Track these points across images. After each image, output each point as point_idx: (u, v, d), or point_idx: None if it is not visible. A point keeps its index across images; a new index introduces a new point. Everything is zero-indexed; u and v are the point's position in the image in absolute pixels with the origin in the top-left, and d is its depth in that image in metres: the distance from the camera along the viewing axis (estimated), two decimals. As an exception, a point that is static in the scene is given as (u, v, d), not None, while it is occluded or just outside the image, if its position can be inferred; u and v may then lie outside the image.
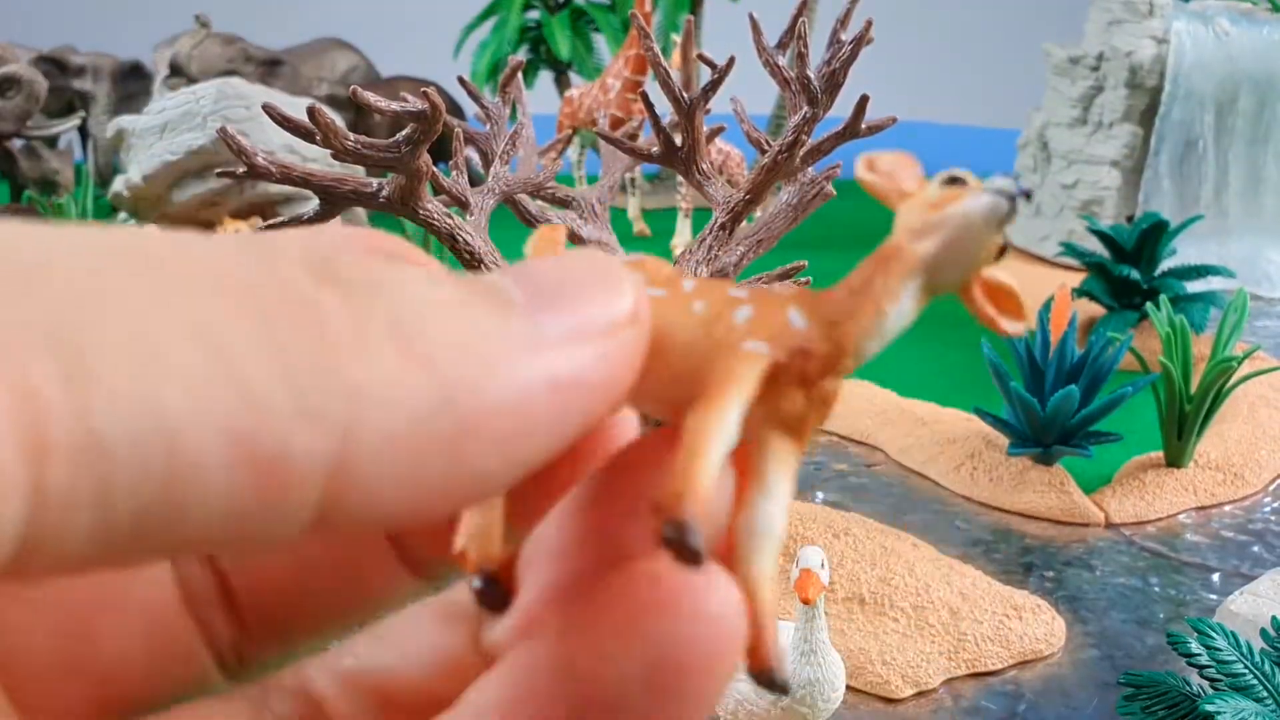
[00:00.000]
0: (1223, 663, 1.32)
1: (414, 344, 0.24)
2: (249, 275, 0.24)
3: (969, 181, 0.29)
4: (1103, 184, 3.53)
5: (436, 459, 0.24)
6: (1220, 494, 2.18)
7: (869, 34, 1.44)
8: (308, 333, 0.23)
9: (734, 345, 0.30)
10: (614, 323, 0.28)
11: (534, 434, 0.27)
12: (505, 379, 0.26)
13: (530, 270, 0.28)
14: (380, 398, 0.23)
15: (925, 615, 1.70)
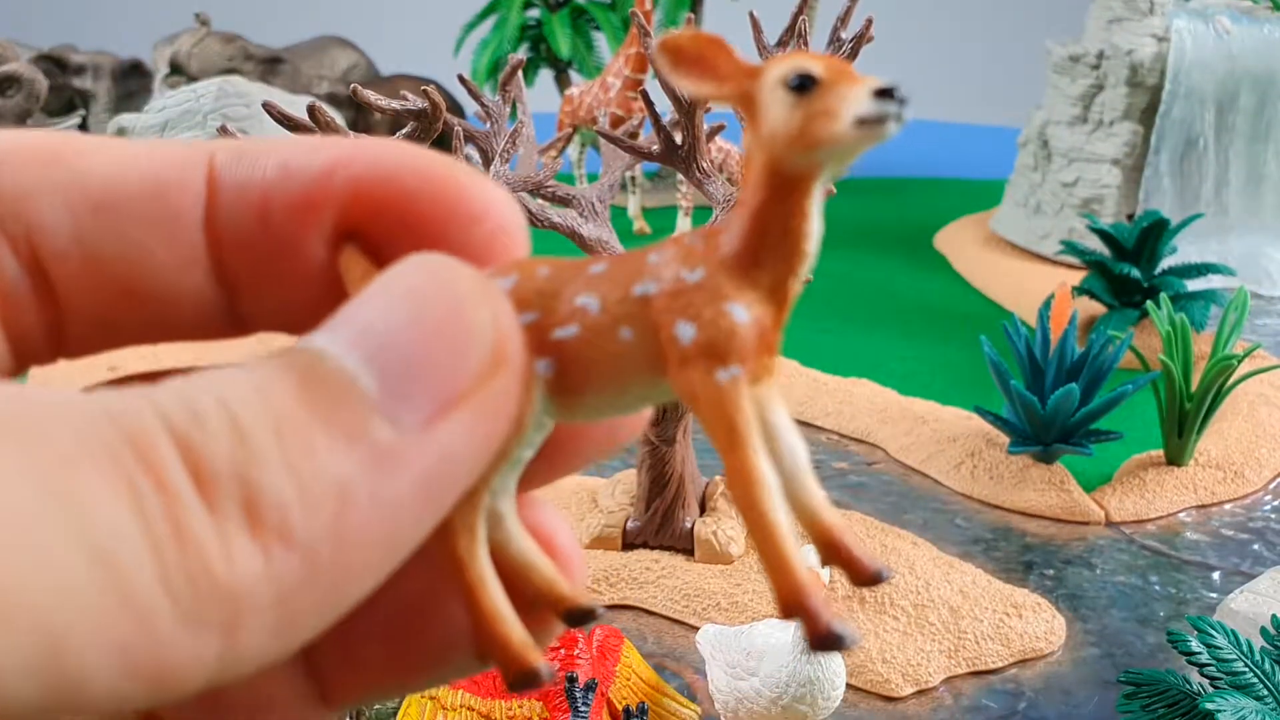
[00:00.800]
0: (1223, 661, 1.32)
1: (269, 521, 0.24)
2: (109, 446, 0.23)
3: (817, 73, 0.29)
4: (1103, 182, 3.53)
5: (310, 615, 0.25)
6: (1221, 492, 2.18)
7: (869, 32, 1.44)
8: (173, 524, 0.23)
9: (708, 380, 0.31)
10: (475, 382, 0.28)
11: (410, 537, 0.27)
12: (365, 524, 0.26)
13: (375, 338, 0.27)
14: (251, 590, 0.23)
15: (925, 613, 1.70)
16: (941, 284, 3.52)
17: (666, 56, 0.31)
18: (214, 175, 0.32)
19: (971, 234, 3.94)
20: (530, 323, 0.32)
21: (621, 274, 0.32)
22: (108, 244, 0.31)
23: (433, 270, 0.29)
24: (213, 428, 0.24)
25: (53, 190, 0.30)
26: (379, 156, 0.32)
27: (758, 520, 0.29)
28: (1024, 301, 3.14)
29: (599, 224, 1.46)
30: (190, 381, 0.25)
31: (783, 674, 1.35)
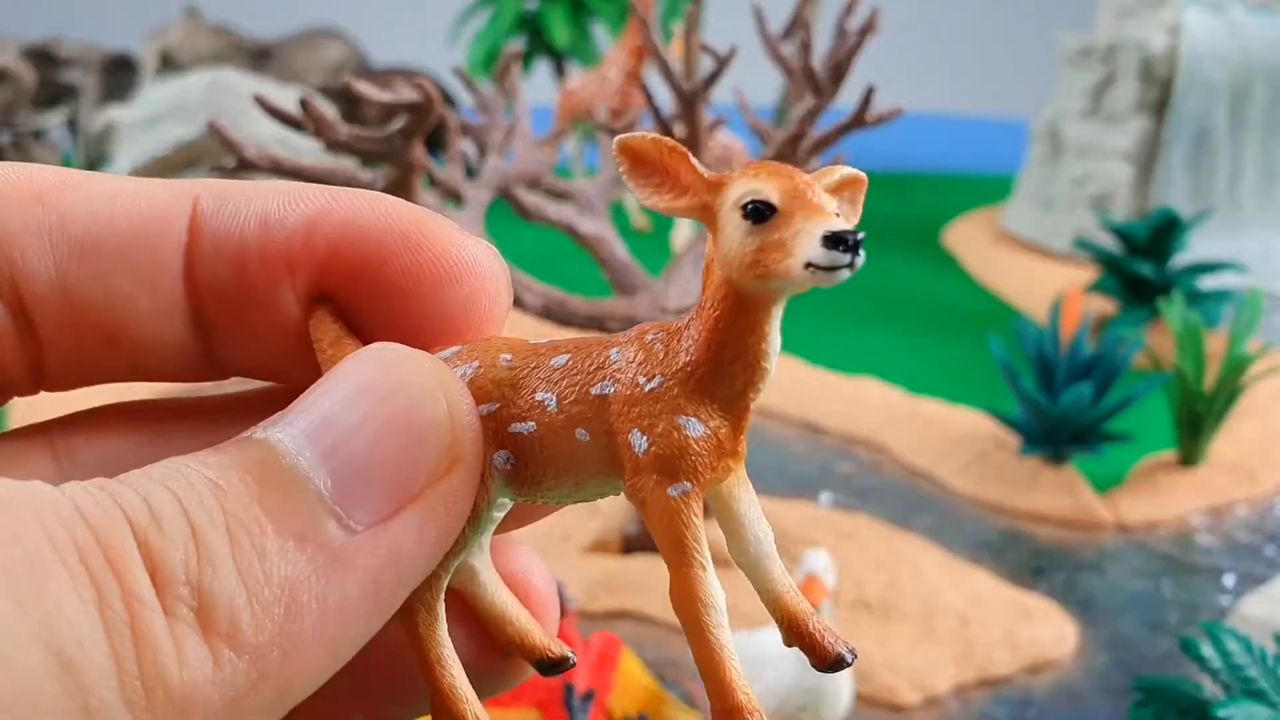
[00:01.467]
0: (1235, 667, 1.30)
1: (219, 626, 0.24)
2: (81, 547, 0.23)
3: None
4: (1114, 177, 3.49)
5: (258, 717, 0.25)
6: (1233, 494, 2.15)
7: (875, 24, 1.40)
8: (134, 630, 0.23)
9: (658, 494, 0.30)
10: (428, 481, 0.27)
11: (357, 637, 0.27)
12: (313, 627, 0.25)
13: (329, 435, 0.27)
14: (203, 696, 0.23)
15: (933, 620, 1.67)
16: (950, 281, 3.49)
17: (625, 160, 0.30)
18: (196, 223, 0.32)
19: (980, 230, 3.91)
20: (489, 413, 0.32)
21: (581, 370, 0.32)
22: (90, 291, 0.31)
23: (389, 364, 0.29)
24: (169, 529, 0.24)
25: (38, 234, 0.31)
26: (355, 215, 0.32)
27: (700, 640, 0.29)
28: (1034, 299, 3.11)
29: (597, 220, 1.43)
30: (150, 475, 0.25)
31: (786, 683, 1.32)
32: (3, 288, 0.31)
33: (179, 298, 0.32)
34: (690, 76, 1.37)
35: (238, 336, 0.33)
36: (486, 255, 0.33)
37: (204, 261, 0.32)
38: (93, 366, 0.33)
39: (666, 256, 2.72)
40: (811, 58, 1.35)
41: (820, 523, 1.90)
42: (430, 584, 0.32)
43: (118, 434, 0.34)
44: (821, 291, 0.31)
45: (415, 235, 0.32)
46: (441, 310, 0.33)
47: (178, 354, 0.33)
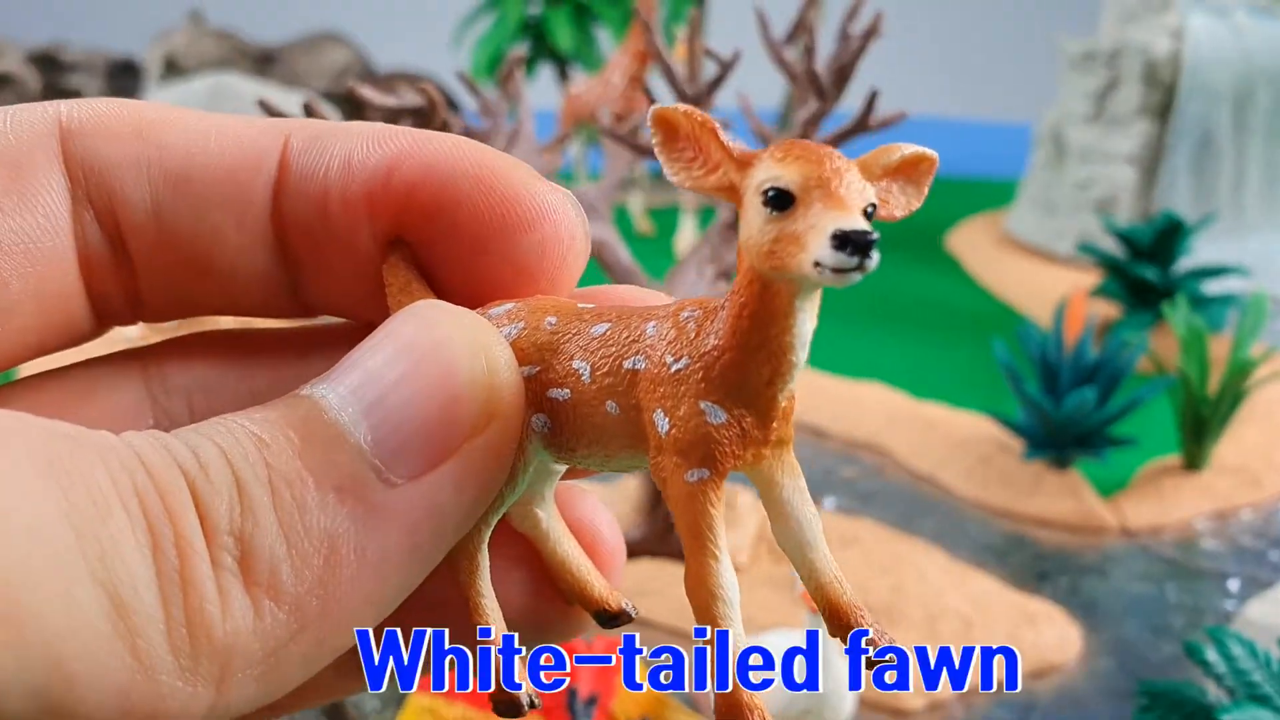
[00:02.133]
0: (1239, 672, 1.30)
1: (260, 576, 0.24)
2: (143, 492, 0.24)
3: None
4: (1118, 181, 3.49)
5: (297, 667, 0.25)
6: (1238, 498, 2.14)
7: (878, 27, 1.40)
8: (183, 576, 0.23)
9: (676, 477, 0.30)
10: (466, 437, 0.28)
11: (397, 590, 0.27)
12: (352, 579, 0.26)
13: (372, 391, 0.27)
14: (244, 645, 0.24)
15: (937, 624, 1.66)
16: (953, 285, 3.48)
17: (659, 131, 0.29)
18: (285, 160, 0.33)
19: (984, 234, 3.91)
20: (530, 375, 0.32)
21: (617, 341, 0.31)
22: (183, 222, 0.32)
23: (431, 322, 0.29)
24: (216, 480, 0.24)
25: (136, 164, 0.32)
26: (435, 158, 0.32)
27: (708, 631, 0.29)
28: (1038, 303, 3.10)
29: (601, 224, 1.43)
30: (199, 430, 0.26)
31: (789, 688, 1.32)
32: (103, 216, 0.32)
33: (266, 233, 0.33)
34: (694, 81, 1.37)
35: (321, 275, 0.34)
36: (562, 202, 0.33)
37: (290, 198, 0.32)
38: (185, 297, 0.34)
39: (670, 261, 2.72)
40: (815, 62, 1.35)
41: (825, 527, 1.89)
42: (472, 534, 0.32)
43: (207, 361, 0.35)
44: (824, 294, 0.30)
45: (489, 179, 0.32)
46: (515, 257, 0.33)
47: (264, 289, 0.34)
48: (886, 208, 0.31)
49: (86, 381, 0.33)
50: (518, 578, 0.35)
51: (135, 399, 0.33)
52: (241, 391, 0.34)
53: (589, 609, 0.35)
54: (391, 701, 1.36)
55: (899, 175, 0.31)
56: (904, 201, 0.31)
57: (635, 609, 0.36)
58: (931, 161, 0.31)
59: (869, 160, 0.30)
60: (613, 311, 0.32)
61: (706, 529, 0.29)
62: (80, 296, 0.32)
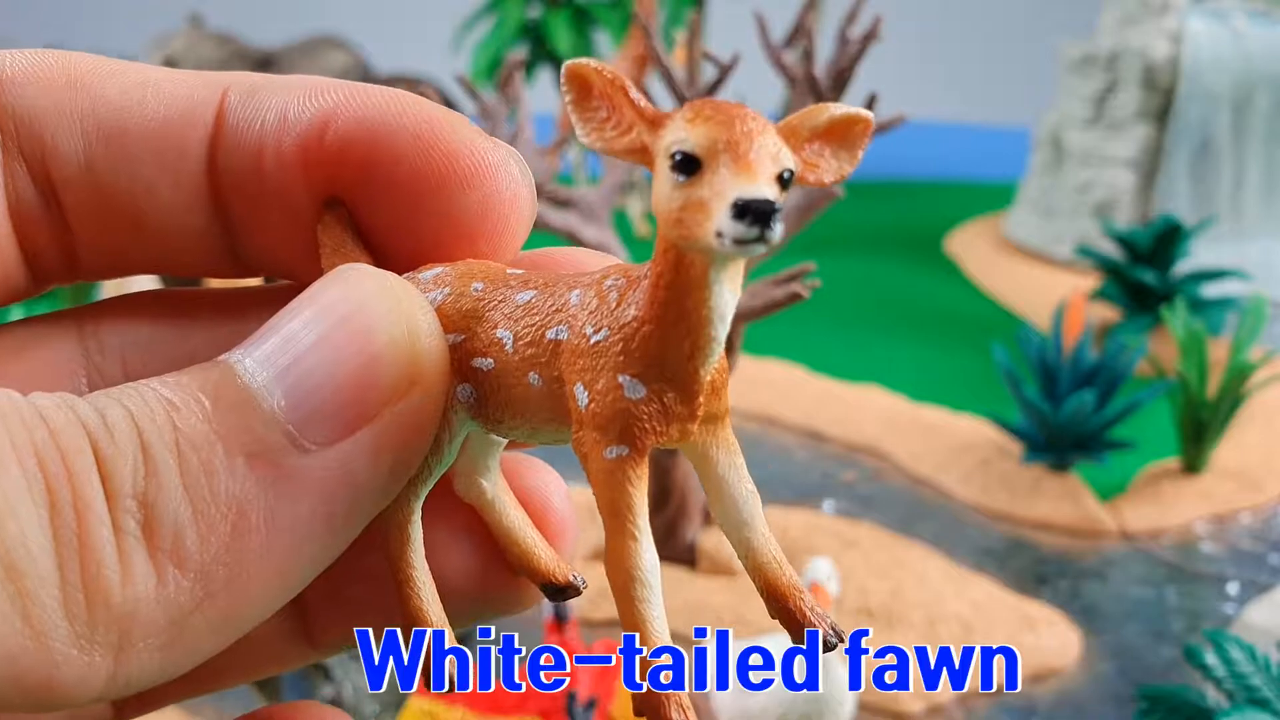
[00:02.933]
0: (1239, 676, 1.29)
1: (164, 542, 0.23)
2: (40, 449, 0.23)
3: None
4: (1117, 185, 3.49)
5: (204, 639, 0.24)
6: (1237, 502, 2.14)
7: (877, 31, 1.40)
8: (82, 539, 0.22)
9: (596, 453, 0.29)
10: (382, 402, 0.27)
11: (311, 561, 0.26)
12: (262, 547, 0.25)
13: (288, 354, 0.26)
14: (145, 613, 0.23)
15: (936, 628, 1.66)
16: (952, 289, 3.48)
17: (572, 89, 0.28)
18: (222, 114, 0.31)
19: (983, 237, 3.91)
20: (455, 344, 0.30)
21: (541, 310, 0.30)
22: (116, 176, 0.31)
23: (351, 284, 0.28)
24: (120, 442, 0.24)
25: (69, 116, 0.31)
26: (371, 113, 0.31)
27: (625, 612, 0.28)
28: (1037, 307, 3.10)
29: (600, 227, 1.43)
30: (109, 394, 0.25)
31: (789, 690, 1.32)
32: (34, 169, 0.31)
33: (202, 189, 0.32)
34: (693, 84, 1.37)
35: (259, 233, 0.33)
36: (504, 159, 0.32)
37: (225, 154, 0.31)
38: (121, 255, 0.33)
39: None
40: (814, 65, 1.35)
41: (823, 531, 1.89)
42: (400, 505, 0.31)
43: (143, 320, 0.34)
44: (822, 298, 0.30)
45: (427, 134, 0.31)
46: (454, 217, 0.31)
47: (201, 246, 0.33)
48: (815, 172, 0.29)
49: (20, 339, 0.32)
50: (463, 548, 0.34)
51: (69, 357, 0.32)
52: (178, 352, 0.33)
53: (536, 581, 0.34)
54: (391, 704, 1.36)
55: (830, 138, 0.29)
56: (835, 166, 0.29)
57: (584, 581, 0.35)
58: (865, 124, 0.29)
59: (795, 122, 0.28)
60: (540, 278, 0.31)
61: (626, 508, 0.28)
62: (13, 251, 0.31)
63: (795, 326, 2.51)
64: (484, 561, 0.34)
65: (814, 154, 0.29)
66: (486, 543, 0.34)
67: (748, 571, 0.30)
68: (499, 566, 0.34)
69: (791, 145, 0.28)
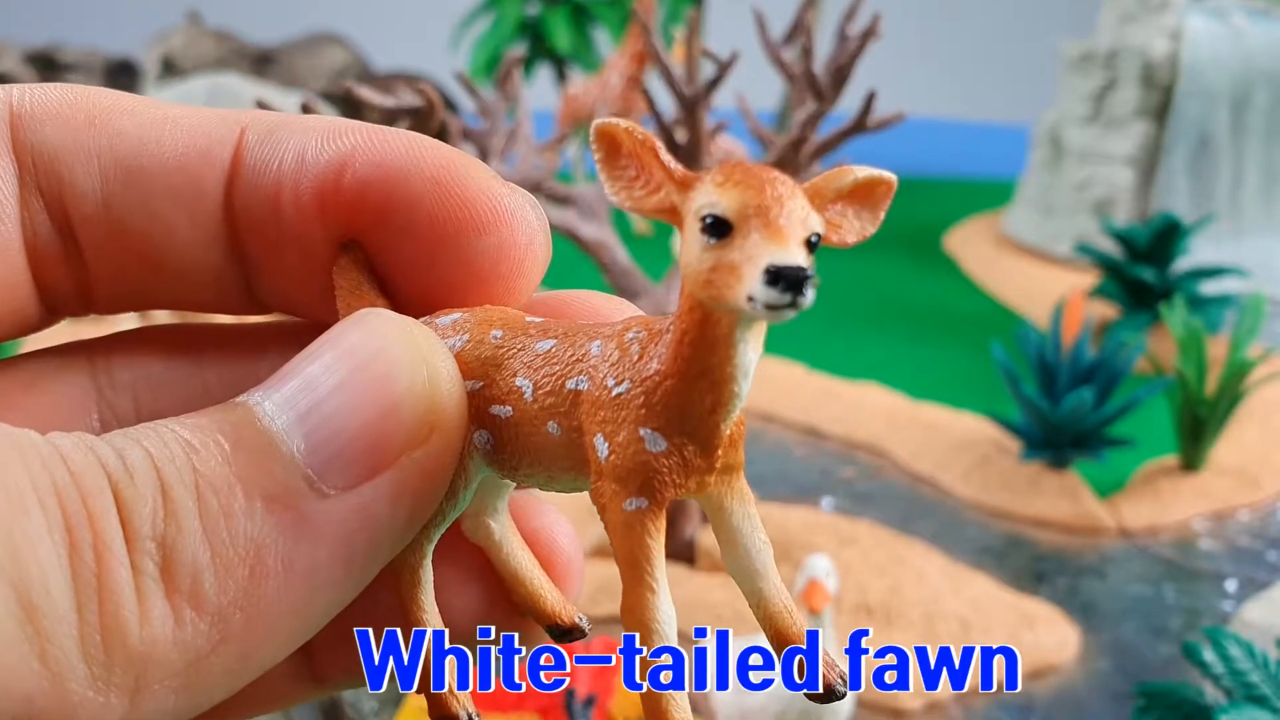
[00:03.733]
0: (1237, 673, 1.29)
1: (182, 584, 0.23)
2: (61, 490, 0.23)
3: None
4: (1116, 182, 3.49)
5: (220, 681, 0.24)
6: (1235, 499, 2.14)
7: (876, 29, 1.40)
8: (101, 580, 0.22)
9: (615, 505, 0.29)
10: (402, 449, 0.27)
11: (328, 604, 0.26)
12: (279, 591, 0.25)
13: (308, 398, 0.26)
14: (161, 655, 0.23)
15: (935, 625, 1.66)
16: (951, 286, 3.48)
17: (601, 148, 0.28)
18: (239, 153, 0.31)
19: (982, 235, 3.91)
20: (473, 390, 0.31)
21: (561, 360, 0.30)
22: (132, 213, 0.31)
23: (373, 329, 0.28)
24: (140, 484, 0.24)
25: (87, 153, 0.31)
26: (389, 156, 0.31)
27: (645, 665, 0.28)
28: (1036, 304, 3.10)
29: (598, 224, 1.43)
30: (128, 434, 0.25)
31: (786, 690, 1.32)
32: (51, 205, 0.31)
33: (218, 227, 0.32)
34: (692, 81, 1.37)
35: (275, 272, 0.33)
36: (521, 205, 0.32)
37: (243, 193, 0.31)
38: (137, 291, 0.33)
39: (668, 261, 2.72)
40: (813, 63, 1.35)
41: (822, 528, 1.89)
42: (413, 549, 0.31)
43: (154, 356, 0.34)
44: (822, 296, 0.30)
45: (445, 179, 0.31)
46: (469, 261, 0.31)
47: (217, 284, 0.33)
48: (839, 233, 0.30)
49: (32, 373, 0.32)
50: (471, 590, 0.34)
51: (81, 392, 0.32)
52: (191, 388, 0.33)
53: (541, 622, 0.35)
54: (390, 702, 1.36)
55: (853, 199, 0.30)
56: (858, 227, 0.30)
57: (589, 624, 0.36)
58: (889, 185, 0.30)
59: (820, 184, 0.29)
60: (559, 327, 0.31)
61: (644, 560, 0.28)
62: (28, 286, 0.31)
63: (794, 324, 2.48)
64: (490, 604, 0.35)
65: (837, 214, 0.30)
66: (493, 585, 0.35)
67: (759, 620, 0.31)
68: (505, 609, 0.35)
69: (816, 206, 0.28)
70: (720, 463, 0.29)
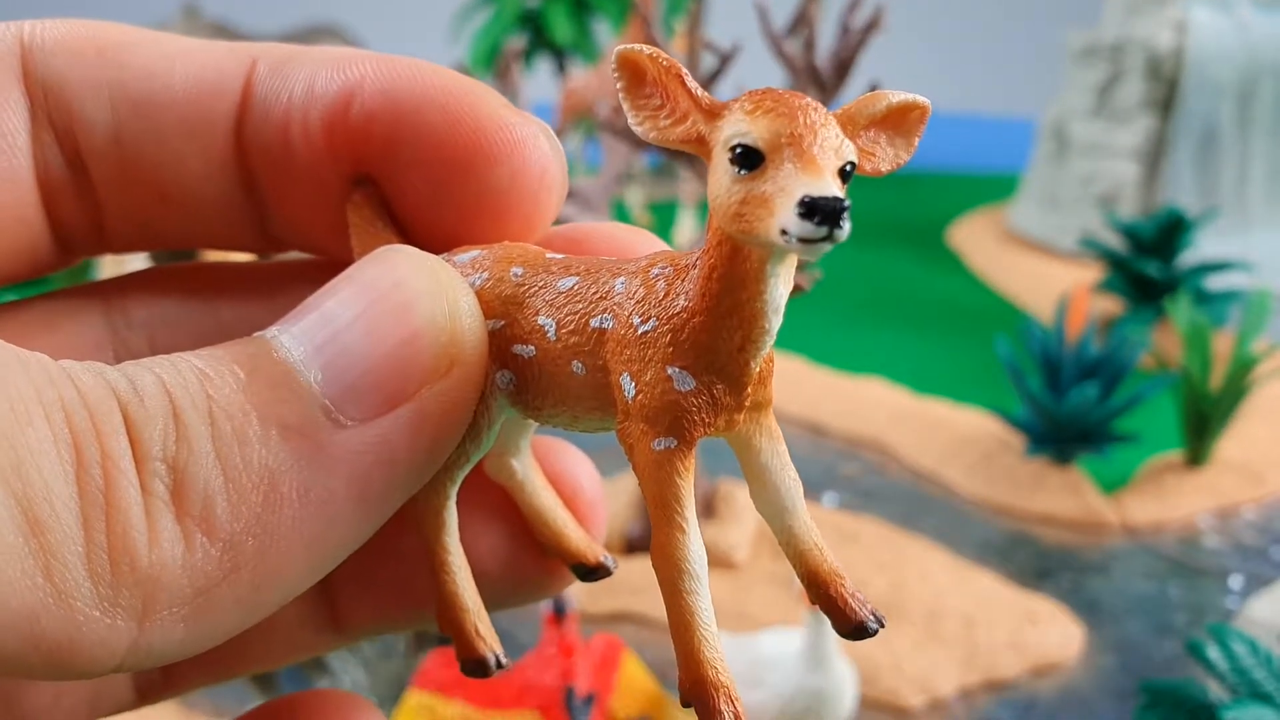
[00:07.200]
0: (1242, 670, 1.29)
1: (193, 508, 0.22)
2: (69, 404, 0.22)
3: None
4: (1121, 176, 3.47)
5: (230, 612, 0.23)
6: (1240, 495, 2.13)
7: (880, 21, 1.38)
8: (109, 496, 0.21)
9: (643, 445, 0.29)
10: (421, 382, 0.26)
11: (344, 538, 0.25)
12: (294, 520, 0.24)
13: (326, 331, 0.26)
14: (171, 578, 0.22)
15: (938, 622, 1.65)
16: (955, 280, 3.47)
17: (624, 75, 0.27)
18: (250, 85, 0.31)
19: (986, 229, 3.89)
20: (494, 329, 0.30)
21: (584, 297, 0.30)
22: (143, 146, 0.30)
23: (392, 263, 0.27)
24: (150, 406, 0.23)
25: (97, 86, 0.30)
26: (396, 85, 0.30)
27: (673, 604, 0.28)
28: (1040, 299, 3.09)
29: (599, 218, 1.42)
30: (141, 363, 0.24)
31: (789, 686, 1.31)
32: (63, 139, 0.31)
33: (229, 161, 0.31)
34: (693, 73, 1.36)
35: (287, 207, 0.32)
36: (534, 133, 0.31)
37: (253, 126, 0.31)
38: (149, 227, 0.32)
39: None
40: (815, 55, 1.33)
41: (824, 524, 1.88)
42: (435, 489, 0.31)
43: (170, 295, 0.33)
44: (824, 289, 0.29)
45: (454, 108, 0.30)
46: (482, 193, 0.31)
47: (229, 219, 0.32)
48: (872, 161, 0.29)
49: (47, 315, 0.32)
50: (494, 529, 0.34)
51: (96, 333, 0.32)
52: (206, 326, 0.33)
53: (567, 561, 0.34)
54: (388, 698, 1.35)
55: (886, 126, 0.29)
56: (891, 155, 0.29)
57: (615, 562, 0.35)
58: (923, 110, 0.29)
59: (853, 110, 0.28)
60: (581, 263, 0.30)
61: (674, 499, 0.28)
62: (41, 222, 0.31)
63: (796, 318, 2.49)
64: (515, 544, 0.34)
65: (869, 142, 0.28)
66: (517, 526, 0.34)
67: (789, 558, 0.30)
68: (530, 549, 0.34)
69: (849, 134, 0.27)
70: (749, 400, 0.28)
